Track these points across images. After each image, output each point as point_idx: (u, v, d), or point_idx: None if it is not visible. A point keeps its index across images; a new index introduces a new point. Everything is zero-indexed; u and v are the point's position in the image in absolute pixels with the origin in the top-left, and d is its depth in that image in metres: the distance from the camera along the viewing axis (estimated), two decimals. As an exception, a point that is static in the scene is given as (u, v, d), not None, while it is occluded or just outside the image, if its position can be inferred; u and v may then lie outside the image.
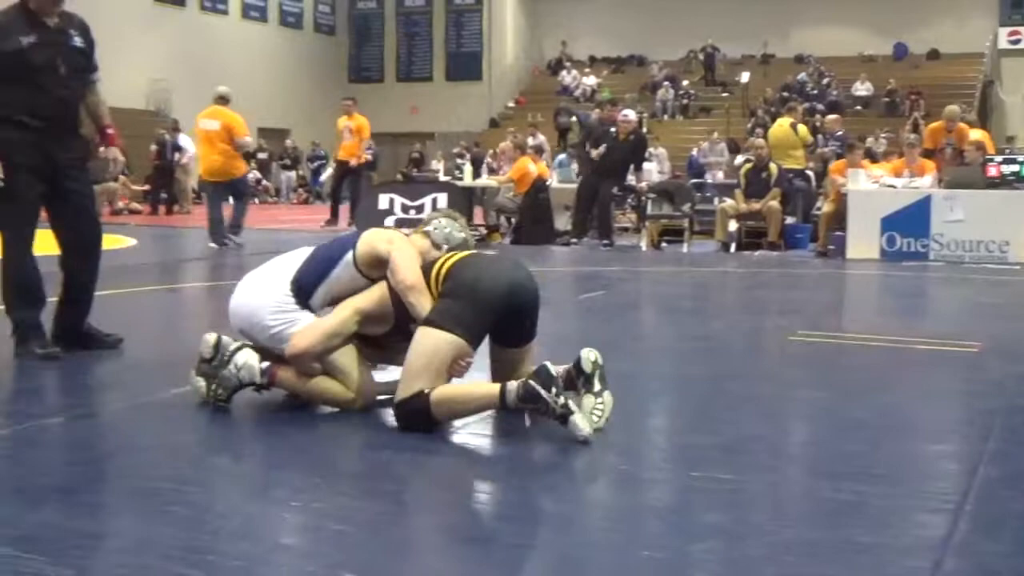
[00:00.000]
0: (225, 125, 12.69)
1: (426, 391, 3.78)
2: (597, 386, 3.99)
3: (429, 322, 3.89)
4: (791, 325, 6.89)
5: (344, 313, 4.16)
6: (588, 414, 3.88)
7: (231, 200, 13.55)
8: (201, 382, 4.24)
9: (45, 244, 5.54)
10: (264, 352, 4.25)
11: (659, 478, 3.54)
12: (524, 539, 2.94)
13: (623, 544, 2.85)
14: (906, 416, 4.50)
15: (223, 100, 12.97)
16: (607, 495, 3.38)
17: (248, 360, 4.21)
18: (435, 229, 4.40)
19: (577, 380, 4.04)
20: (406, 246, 4.23)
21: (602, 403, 3.96)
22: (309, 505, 3.13)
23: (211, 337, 4.27)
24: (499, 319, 4.00)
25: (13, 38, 5.23)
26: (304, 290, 4.27)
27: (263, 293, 4.29)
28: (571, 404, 3.75)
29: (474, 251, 4.29)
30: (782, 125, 15.23)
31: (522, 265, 4.24)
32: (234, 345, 4.26)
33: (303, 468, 3.53)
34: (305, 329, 4.16)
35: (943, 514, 3.07)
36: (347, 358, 4.17)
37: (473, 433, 4.01)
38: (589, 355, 4.06)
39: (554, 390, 3.70)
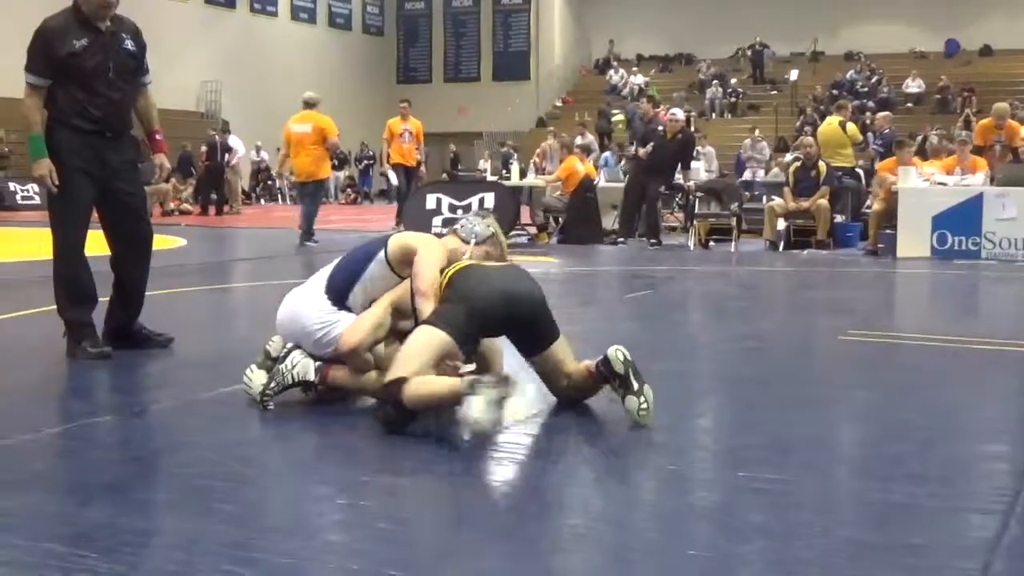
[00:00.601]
0: (316, 128, 13.37)
1: (406, 377, 3.85)
2: (635, 384, 3.98)
3: (425, 321, 4.02)
4: (841, 325, 6.83)
5: (383, 304, 4.30)
6: (636, 413, 3.89)
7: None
8: (261, 377, 4.28)
9: (96, 244, 5.61)
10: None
11: (706, 478, 3.52)
12: (570, 538, 2.94)
13: (669, 544, 2.84)
14: (958, 417, 4.45)
15: (311, 104, 13.62)
16: (654, 494, 3.37)
17: (303, 358, 4.28)
18: (462, 227, 4.55)
19: (612, 383, 4.02)
20: (434, 250, 4.29)
21: (645, 401, 3.96)
22: (356, 503, 3.14)
23: (280, 338, 4.41)
24: (499, 329, 4.19)
25: (66, 42, 5.30)
26: (338, 291, 4.33)
27: (303, 303, 4.37)
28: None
29: (479, 262, 4.32)
30: (831, 123, 15.11)
31: (525, 276, 4.29)
32: (291, 344, 4.35)
33: (351, 466, 3.55)
34: (351, 325, 4.23)
35: (994, 516, 3.03)
36: (394, 348, 4.20)
37: (521, 432, 4.01)
38: (617, 355, 4.05)
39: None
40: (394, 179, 16.16)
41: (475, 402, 3.70)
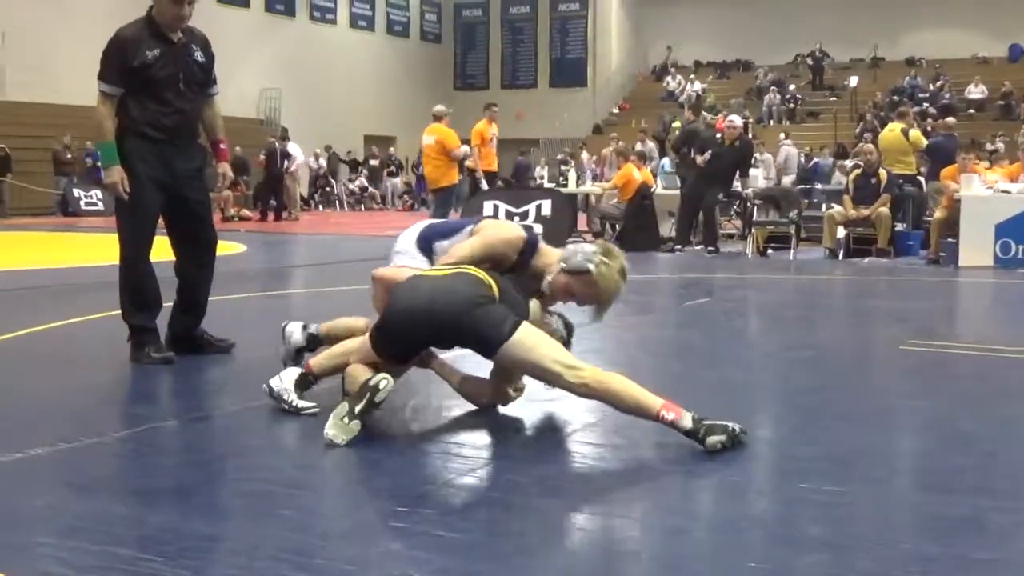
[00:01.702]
0: (438, 140, 14.13)
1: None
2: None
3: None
4: (902, 334, 6.76)
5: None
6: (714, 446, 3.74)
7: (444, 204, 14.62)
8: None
9: (161, 250, 5.69)
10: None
11: (766, 489, 3.50)
12: (630, 549, 2.94)
13: (728, 555, 2.82)
14: (1022, 429, 4.38)
15: (437, 117, 14.42)
16: (713, 505, 3.36)
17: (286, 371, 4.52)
18: (572, 249, 4.37)
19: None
20: (489, 240, 4.40)
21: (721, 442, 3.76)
22: (416, 510, 3.16)
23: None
24: (421, 339, 4.14)
25: (139, 52, 5.38)
26: (426, 239, 4.64)
27: (405, 234, 4.75)
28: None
29: (431, 271, 4.29)
30: (893, 130, 14.94)
31: (458, 285, 4.06)
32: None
33: (410, 474, 3.57)
34: (396, 269, 4.45)
35: (1062, 531, 2.98)
36: None
37: (580, 441, 4.02)
38: (716, 445, 3.75)
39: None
40: (485, 187, 16.19)
41: (332, 415, 3.83)
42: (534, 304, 4.31)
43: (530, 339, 3.93)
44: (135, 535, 2.92)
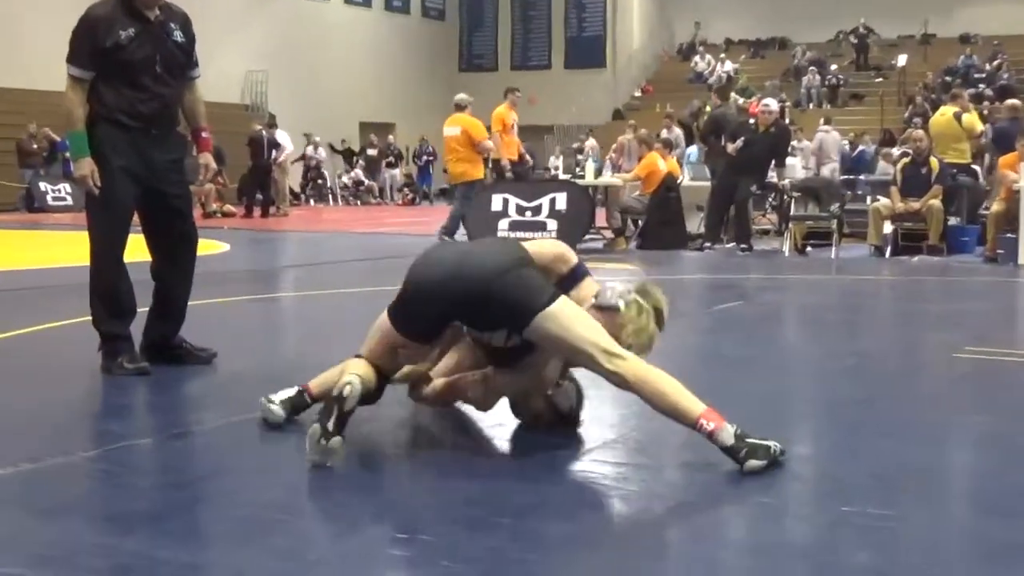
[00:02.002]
0: (464, 130, 14.42)
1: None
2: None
3: None
4: (956, 340, 6.74)
5: None
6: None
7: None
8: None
9: (136, 250, 5.70)
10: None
11: (805, 512, 3.50)
12: (653, 578, 2.94)
13: (764, 586, 2.82)
14: (1089, 445, 4.37)
15: (460, 107, 14.72)
16: (746, 531, 3.35)
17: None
18: (606, 286, 4.30)
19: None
20: (552, 244, 4.36)
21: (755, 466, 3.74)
22: (416, 537, 3.16)
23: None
24: (440, 309, 4.05)
25: (112, 32, 5.38)
26: None
27: None
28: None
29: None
30: (944, 114, 14.93)
31: (489, 247, 4.24)
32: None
33: (409, 496, 3.57)
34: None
35: None
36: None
37: (598, 460, 4.01)
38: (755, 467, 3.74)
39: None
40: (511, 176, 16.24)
41: (307, 438, 3.81)
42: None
43: (570, 312, 3.94)
44: (107, 564, 2.93)
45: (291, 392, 4.46)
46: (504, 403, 4.42)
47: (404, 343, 4.07)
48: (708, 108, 29.17)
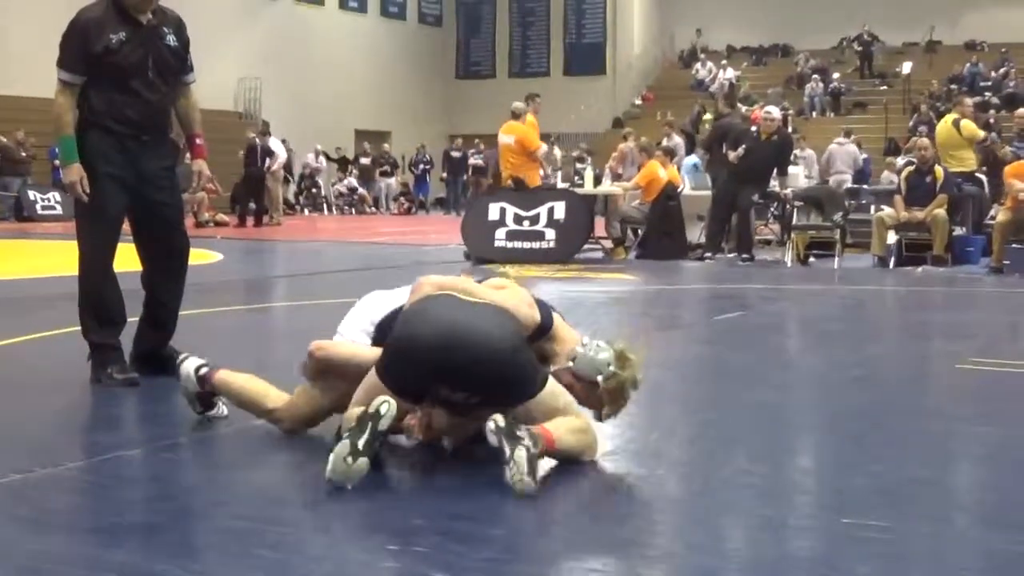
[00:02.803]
0: (518, 140, 14.76)
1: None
2: (507, 451, 3.69)
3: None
4: (960, 352, 6.75)
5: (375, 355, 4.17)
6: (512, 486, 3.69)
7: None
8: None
9: (126, 259, 5.70)
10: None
11: (806, 525, 3.50)
12: (650, 592, 2.94)
13: (763, 600, 2.82)
14: (1096, 458, 4.37)
15: (515, 115, 15.00)
16: (747, 543, 3.35)
17: (187, 368, 4.69)
18: (585, 344, 4.20)
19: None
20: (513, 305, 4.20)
21: (515, 468, 3.67)
22: (409, 549, 3.16)
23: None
24: (426, 375, 3.94)
25: (103, 36, 5.37)
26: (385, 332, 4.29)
27: (346, 325, 4.49)
28: None
29: (450, 293, 4.12)
30: (946, 122, 14.95)
31: (486, 315, 4.01)
32: (181, 357, 4.81)
33: (403, 507, 3.57)
34: (342, 343, 4.37)
35: None
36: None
37: (595, 471, 4.01)
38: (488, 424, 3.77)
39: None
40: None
41: (333, 454, 3.68)
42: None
43: (548, 394, 3.99)
44: (94, 577, 2.93)
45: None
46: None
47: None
48: (708, 115, 29.30)
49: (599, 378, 4.10)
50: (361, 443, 3.66)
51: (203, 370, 4.68)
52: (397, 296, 4.43)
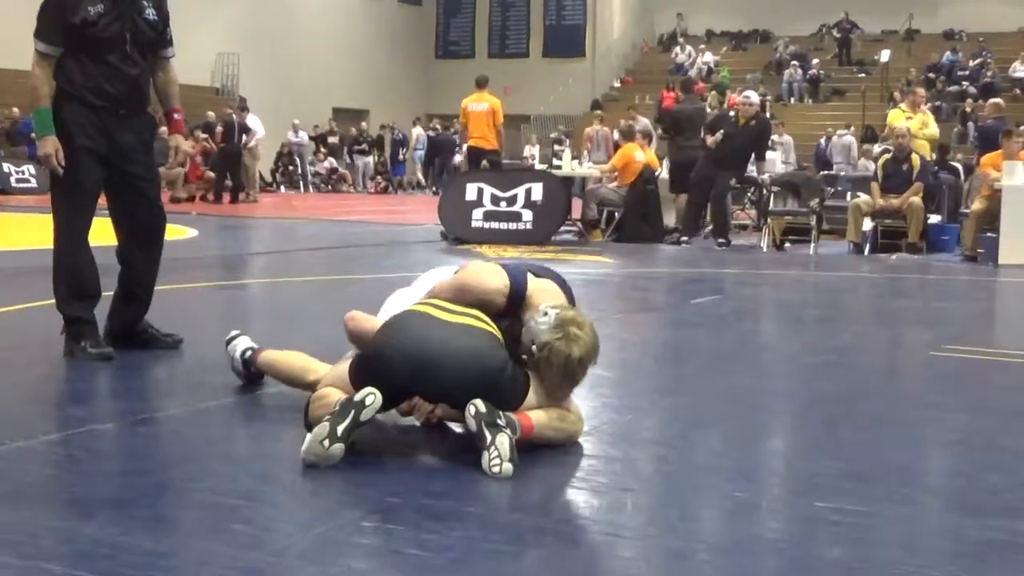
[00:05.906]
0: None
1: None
2: (487, 437, 3.70)
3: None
4: (934, 339, 6.79)
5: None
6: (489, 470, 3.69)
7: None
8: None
9: (101, 233, 5.67)
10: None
11: (778, 508, 3.51)
12: (625, 574, 2.95)
13: (735, 581, 2.84)
14: (1066, 445, 4.41)
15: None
16: (719, 525, 3.37)
17: (233, 349, 4.84)
18: (536, 316, 4.06)
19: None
20: (475, 285, 4.19)
21: (497, 454, 3.68)
22: (384, 526, 3.16)
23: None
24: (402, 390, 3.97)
25: (81, 7, 5.33)
26: None
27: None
28: None
29: (430, 312, 4.05)
30: (900, 115, 14.97)
31: (469, 336, 3.96)
32: (229, 335, 4.94)
33: (379, 485, 3.57)
34: (372, 317, 4.29)
35: (1107, 558, 3.00)
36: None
37: (570, 453, 4.02)
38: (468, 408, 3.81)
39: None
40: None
41: (311, 436, 3.69)
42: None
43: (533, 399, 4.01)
44: (68, 550, 2.92)
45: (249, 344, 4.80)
46: None
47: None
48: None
49: (533, 347, 3.99)
50: (340, 429, 3.66)
51: (248, 353, 4.77)
52: (416, 294, 4.44)
